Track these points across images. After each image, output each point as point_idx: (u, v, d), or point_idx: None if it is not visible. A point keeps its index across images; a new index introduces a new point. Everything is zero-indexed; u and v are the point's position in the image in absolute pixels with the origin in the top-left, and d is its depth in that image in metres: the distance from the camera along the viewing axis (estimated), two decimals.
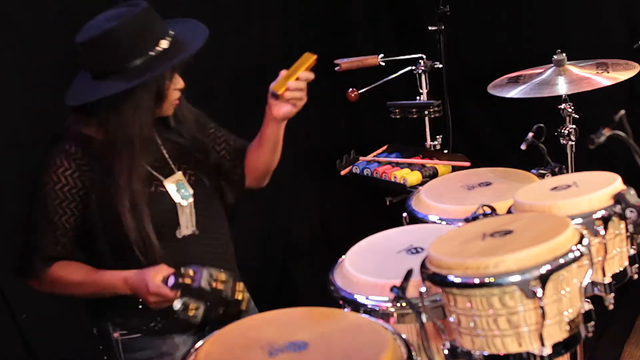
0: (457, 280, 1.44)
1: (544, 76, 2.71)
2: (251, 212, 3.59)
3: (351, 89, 3.23)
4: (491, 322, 1.44)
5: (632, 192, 1.67)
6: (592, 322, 1.51)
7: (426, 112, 3.19)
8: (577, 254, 1.45)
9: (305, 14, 3.88)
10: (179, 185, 2.06)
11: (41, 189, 1.94)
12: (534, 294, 1.40)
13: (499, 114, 3.75)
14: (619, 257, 1.71)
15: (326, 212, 4.07)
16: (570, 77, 2.65)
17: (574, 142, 2.78)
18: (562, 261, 1.43)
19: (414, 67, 3.23)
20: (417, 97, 3.26)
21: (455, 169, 3.00)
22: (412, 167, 3.08)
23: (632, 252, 1.73)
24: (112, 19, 1.89)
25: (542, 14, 3.65)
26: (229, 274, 1.93)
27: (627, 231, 1.69)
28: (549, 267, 1.41)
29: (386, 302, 1.64)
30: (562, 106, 2.77)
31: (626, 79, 2.55)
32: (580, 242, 1.48)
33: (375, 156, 3.28)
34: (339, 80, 3.39)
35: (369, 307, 1.66)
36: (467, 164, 2.98)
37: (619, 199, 1.65)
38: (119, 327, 2.05)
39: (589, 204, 1.67)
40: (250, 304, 2.23)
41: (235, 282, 1.94)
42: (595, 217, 1.64)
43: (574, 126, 2.78)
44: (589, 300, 1.54)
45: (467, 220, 1.80)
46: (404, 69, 3.24)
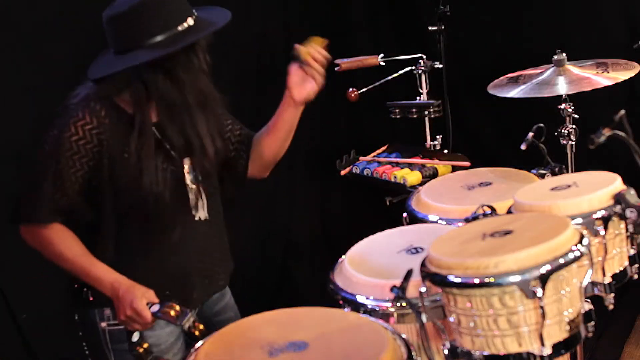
0: (457, 280, 1.44)
1: (544, 76, 2.71)
2: (251, 211, 3.59)
3: (351, 89, 3.23)
4: (491, 322, 1.44)
5: (632, 192, 1.67)
6: (592, 322, 1.51)
7: (426, 112, 3.19)
8: (577, 254, 1.45)
9: (305, 14, 3.88)
10: (191, 168, 2.06)
11: (58, 136, 1.91)
12: (534, 294, 1.40)
13: (499, 114, 3.75)
14: (619, 257, 1.71)
15: (326, 212, 4.07)
16: (570, 77, 2.64)
17: (574, 142, 2.78)
18: (562, 261, 1.43)
19: (414, 67, 3.23)
20: (417, 97, 3.26)
21: (455, 169, 3.00)
22: (412, 167, 3.08)
23: (632, 252, 1.73)
24: None
25: (542, 14, 3.65)
26: (205, 328, 1.92)
27: (627, 231, 1.70)
28: (549, 267, 1.41)
29: (386, 302, 1.65)
30: (562, 106, 2.77)
31: (626, 79, 2.55)
32: (580, 242, 1.48)
33: (375, 156, 3.28)
34: (339, 80, 3.39)
35: (369, 307, 1.66)
36: (467, 164, 2.98)
37: (619, 199, 1.65)
38: (107, 317, 2.02)
39: (589, 204, 1.67)
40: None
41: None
42: (595, 217, 1.64)
43: (574, 126, 2.78)
44: (589, 300, 1.55)
45: (467, 220, 1.80)
46: (404, 69, 3.24)
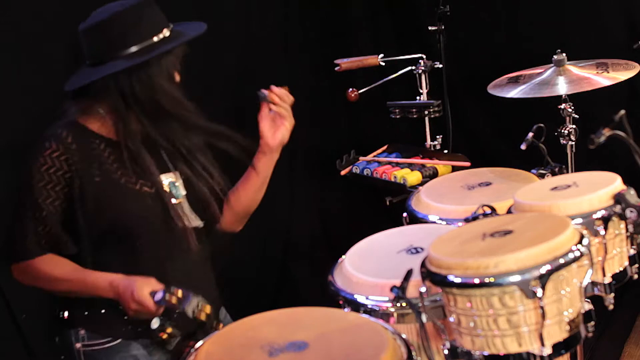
0: (457, 280, 1.44)
1: (544, 76, 2.71)
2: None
3: (351, 89, 3.23)
4: (491, 322, 1.44)
5: (632, 192, 1.67)
6: (592, 322, 1.51)
7: (426, 112, 3.19)
8: (577, 254, 1.45)
9: (305, 14, 3.88)
10: (172, 182, 2.05)
11: (30, 169, 1.93)
12: (534, 294, 1.40)
13: (499, 114, 3.75)
14: (619, 257, 1.71)
15: (326, 212, 4.07)
16: (570, 77, 2.64)
17: (574, 142, 2.78)
18: (562, 261, 1.43)
19: (414, 67, 3.23)
20: (417, 97, 3.26)
21: (455, 169, 3.00)
22: (412, 167, 3.08)
23: (632, 252, 1.73)
24: (117, 6, 1.93)
25: (542, 14, 3.65)
26: (214, 308, 1.92)
27: (627, 231, 1.70)
28: (549, 267, 1.41)
29: (386, 302, 1.65)
30: (562, 106, 2.77)
31: (626, 79, 2.55)
32: (580, 242, 1.48)
33: (375, 156, 3.28)
34: (339, 80, 3.39)
35: (369, 307, 1.66)
36: (467, 164, 2.98)
37: (619, 199, 1.65)
38: (82, 338, 2.02)
39: (589, 204, 1.67)
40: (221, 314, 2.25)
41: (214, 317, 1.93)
42: (595, 217, 1.64)
43: (574, 126, 2.77)
44: (589, 300, 1.54)
45: (467, 220, 1.80)
46: (404, 69, 3.24)
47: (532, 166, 2.26)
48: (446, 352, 1.53)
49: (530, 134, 2.25)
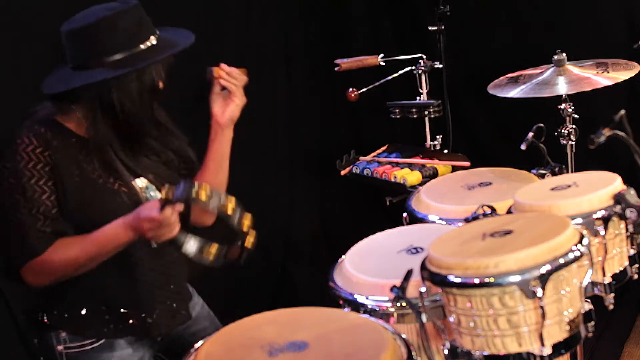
0: (457, 280, 1.44)
1: (544, 76, 2.71)
2: (251, 211, 3.58)
3: (351, 89, 3.23)
4: (491, 322, 1.44)
5: (632, 192, 1.67)
6: (592, 322, 1.51)
7: (426, 112, 3.19)
8: (577, 254, 1.45)
9: (305, 14, 3.88)
10: (148, 186, 2.05)
11: (14, 169, 1.88)
12: (534, 294, 1.40)
13: (499, 114, 3.75)
14: (619, 257, 1.71)
15: (326, 212, 4.07)
16: (570, 77, 2.64)
17: (574, 142, 2.78)
18: (562, 261, 1.43)
19: (414, 67, 3.23)
20: (417, 97, 3.26)
21: (455, 169, 3.00)
22: (412, 167, 3.08)
23: (632, 252, 1.73)
24: (105, 9, 1.90)
25: (542, 14, 3.64)
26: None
27: (627, 231, 1.70)
28: (549, 267, 1.41)
29: (386, 302, 1.65)
30: (562, 106, 2.77)
31: (626, 79, 2.55)
32: (580, 242, 1.48)
33: (375, 156, 3.28)
34: (339, 80, 3.39)
35: (369, 307, 1.67)
36: (467, 164, 2.98)
37: (619, 199, 1.65)
38: (64, 340, 2.00)
39: (589, 204, 1.67)
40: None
41: (243, 213, 1.88)
42: (595, 217, 1.65)
43: (574, 126, 2.77)
44: (589, 300, 1.55)
45: (467, 220, 1.80)
46: (404, 69, 3.24)
47: (532, 166, 2.25)
48: (446, 352, 1.53)
49: (530, 134, 2.25)
